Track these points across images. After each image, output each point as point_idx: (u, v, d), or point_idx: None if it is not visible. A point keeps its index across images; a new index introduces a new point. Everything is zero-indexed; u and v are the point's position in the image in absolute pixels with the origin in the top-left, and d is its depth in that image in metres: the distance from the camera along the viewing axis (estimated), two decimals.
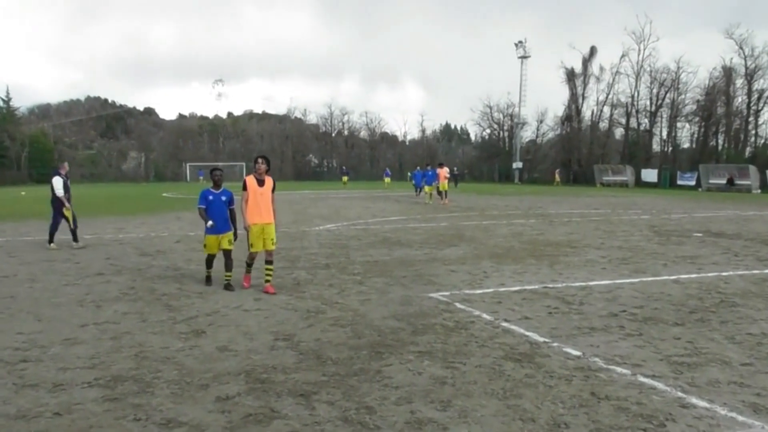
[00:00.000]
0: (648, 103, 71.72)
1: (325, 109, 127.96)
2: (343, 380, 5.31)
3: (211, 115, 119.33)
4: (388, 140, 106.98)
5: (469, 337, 6.63)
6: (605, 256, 12.69)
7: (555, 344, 6.37)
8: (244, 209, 8.80)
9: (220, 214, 9.15)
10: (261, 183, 8.86)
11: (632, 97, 72.90)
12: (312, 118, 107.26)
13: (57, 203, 14.45)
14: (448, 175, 33.01)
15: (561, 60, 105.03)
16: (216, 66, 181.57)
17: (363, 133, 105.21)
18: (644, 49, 71.91)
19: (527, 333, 6.81)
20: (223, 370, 5.56)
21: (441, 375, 5.43)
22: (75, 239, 14.24)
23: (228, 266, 9.23)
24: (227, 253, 9.26)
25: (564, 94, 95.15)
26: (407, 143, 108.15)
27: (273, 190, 9.01)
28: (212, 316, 7.63)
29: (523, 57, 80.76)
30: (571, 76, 78.61)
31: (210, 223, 9.04)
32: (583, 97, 78.85)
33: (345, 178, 64.41)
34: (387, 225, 19.66)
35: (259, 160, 8.87)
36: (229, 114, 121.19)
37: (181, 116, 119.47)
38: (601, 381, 5.29)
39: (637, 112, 73.11)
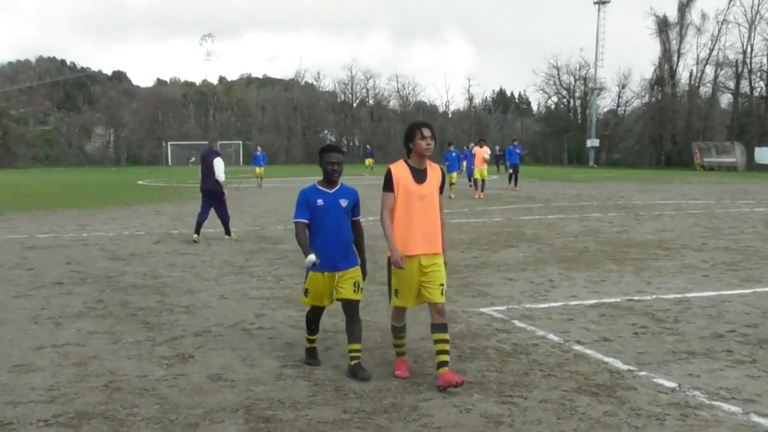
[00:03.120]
0: (765, 60, 70.57)
1: (345, 73, 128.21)
2: (369, 418, 5.32)
3: (198, 81, 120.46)
4: (426, 111, 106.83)
5: (532, 364, 6.61)
6: (708, 260, 12.54)
7: (642, 373, 6.32)
8: (389, 226, 6.22)
9: (338, 233, 6.38)
10: (421, 176, 6.21)
11: (744, 53, 71.80)
12: (327, 84, 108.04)
13: (218, 189, 15.76)
14: (488, 158, 30.02)
15: (650, 5, 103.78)
16: (204, 17, 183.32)
17: (393, 103, 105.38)
18: None
19: (606, 359, 6.76)
20: (217, 405, 5.60)
21: (495, 413, 5.42)
22: (197, 231, 15.69)
23: (353, 333, 6.44)
24: (351, 308, 6.48)
25: (654, 50, 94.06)
26: (450, 115, 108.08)
27: (442, 189, 6.49)
28: (202, 336, 7.69)
29: (601, 2, 79.97)
30: (663, 26, 77.67)
31: (313, 258, 6.13)
32: (679, 55, 77.97)
33: (369, 161, 63.51)
34: None
35: (424, 130, 6.14)
36: (222, 79, 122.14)
37: (159, 82, 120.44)
38: (702, 421, 5.24)
39: (750, 72, 71.99)
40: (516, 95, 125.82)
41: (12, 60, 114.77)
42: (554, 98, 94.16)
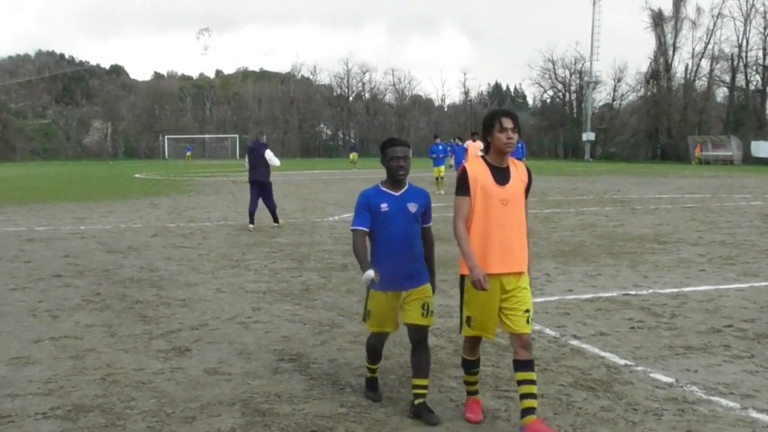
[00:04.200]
0: (760, 54, 70.60)
1: (341, 66, 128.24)
2: (365, 413, 5.31)
3: (195, 75, 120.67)
4: (422, 105, 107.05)
5: None
6: (704, 254, 12.54)
7: (639, 368, 6.30)
8: (464, 238, 5.00)
9: (406, 244, 5.30)
10: (503, 176, 5.06)
11: (739, 46, 71.83)
12: (323, 78, 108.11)
13: (268, 179, 16.70)
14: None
15: None
16: (201, 12, 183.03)
17: (389, 97, 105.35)
18: None
19: (603, 354, 6.74)
20: (213, 399, 5.58)
21: (492, 407, 5.41)
22: (252, 221, 16.51)
23: (420, 366, 5.35)
24: (418, 334, 5.37)
25: (649, 44, 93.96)
26: (446, 108, 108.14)
27: (528, 192, 5.24)
28: (199, 329, 7.67)
29: None
30: (658, 20, 77.66)
31: (371, 274, 5.00)
32: (675, 48, 77.95)
33: (353, 155, 59.01)
34: None
35: (504, 121, 5.05)
36: (218, 73, 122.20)
37: (157, 76, 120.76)
38: (700, 417, 5.22)
39: (746, 66, 72.06)
40: (512, 89, 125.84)
41: (12, 54, 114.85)
42: (550, 92, 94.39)
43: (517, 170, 5.14)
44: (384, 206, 5.25)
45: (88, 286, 10.02)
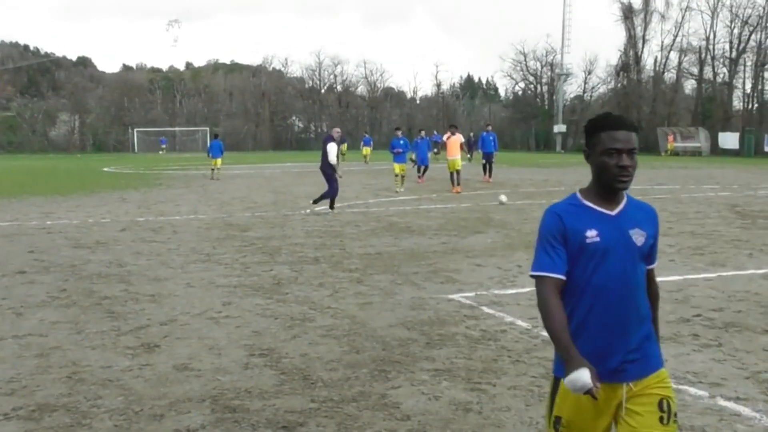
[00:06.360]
0: (727, 47, 71.42)
1: (312, 59, 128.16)
2: (337, 407, 5.29)
3: (164, 67, 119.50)
4: (394, 97, 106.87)
5: (500, 351, 6.60)
6: (673, 244, 12.65)
7: None
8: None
9: (629, 302, 3.20)
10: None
11: (707, 39, 72.56)
12: (295, 70, 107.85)
13: (329, 170, 18.03)
14: (460, 148, 26.30)
15: None
16: (170, 3, 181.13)
17: (361, 89, 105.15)
18: None
19: None
20: (183, 396, 5.54)
21: (464, 400, 5.42)
22: (331, 206, 18.08)
23: None
24: None
25: (619, 36, 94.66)
26: (418, 101, 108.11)
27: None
28: (168, 325, 7.60)
29: None
30: (628, 12, 78.24)
31: (583, 378, 2.78)
32: (644, 41, 78.59)
33: (366, 150, 52.01)
34: (393, 207, 19.65)
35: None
36: (188, 65, 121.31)
37: (125, 68, 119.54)
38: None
39: (713, 59, 72.81)
40: (484, 81, 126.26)
41: None
42: (521, 84, 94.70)
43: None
44: (592, 234, 3.09)
45: (53, 282, 9.88)
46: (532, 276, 3.23)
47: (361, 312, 8.05)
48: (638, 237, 3.18)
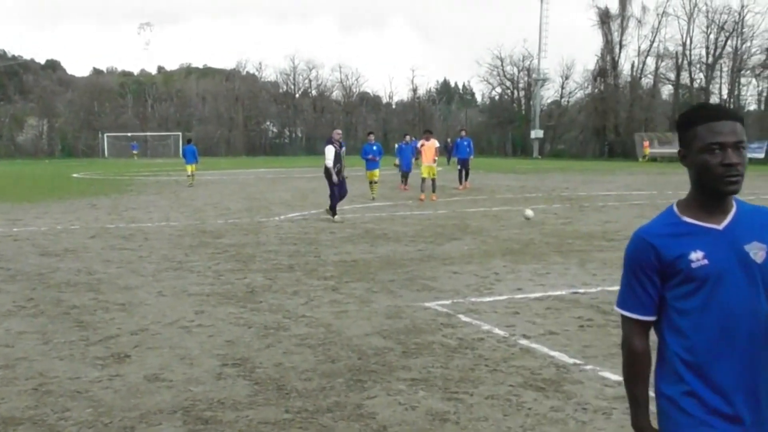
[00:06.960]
0: (704, 52, 72.34)
1: (287, 63, 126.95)
2: (312, 418, 5.26)
3: (136, 71, 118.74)
4: (370, 102, 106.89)
5: (477, 360, 6.60)
6: None
7: (589, 367, 6.36)
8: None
9: (754, 338, 2.46)
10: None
11: (683, 45, 73.38)
12: (269, 75, 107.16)
13: (325, 174, 17.67)
14: (436, 155, 25.31)
15: None
16: (142, 4, 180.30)
17: (336, 94, 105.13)
18: None
19: (552, 353, 6.79)
20: (154, 407, 5.48)
21: (441, 409, 5.40)
22: (332, 213, 17.50)
23: None
24: None
25: (596, 41, 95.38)
26: (394, 106, 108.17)
27: None
28: (139, 335, 7.53)
29: None
30: (605, 17, 78.89)
31: None
32: (621, 46, 79.24)
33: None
34: (369, 213, 19.65)
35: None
36: (160, 69, 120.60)
37: (96, 72, 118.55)
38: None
39: (690, 64, 73.62)
40: (460, 86, 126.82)
41: None
42: (498, 89, 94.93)
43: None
44: (698, 257, 2.49)
45: (20, 291, 9.76)
46: (618, 312, 2.78)
47: (337, 320, 8.03)
48: (758, 252, 2.48)
